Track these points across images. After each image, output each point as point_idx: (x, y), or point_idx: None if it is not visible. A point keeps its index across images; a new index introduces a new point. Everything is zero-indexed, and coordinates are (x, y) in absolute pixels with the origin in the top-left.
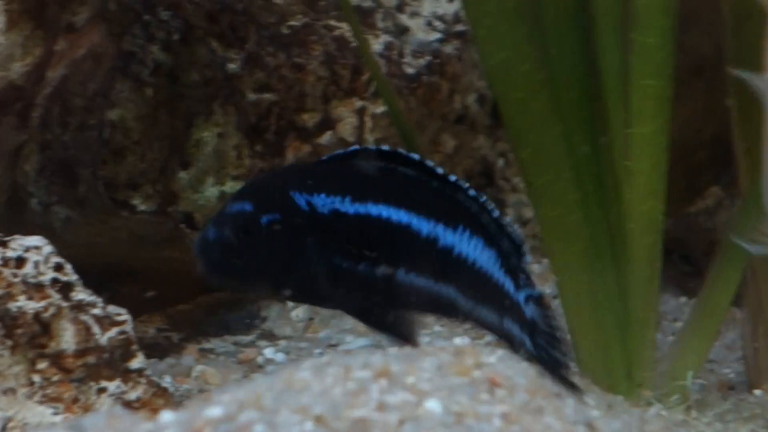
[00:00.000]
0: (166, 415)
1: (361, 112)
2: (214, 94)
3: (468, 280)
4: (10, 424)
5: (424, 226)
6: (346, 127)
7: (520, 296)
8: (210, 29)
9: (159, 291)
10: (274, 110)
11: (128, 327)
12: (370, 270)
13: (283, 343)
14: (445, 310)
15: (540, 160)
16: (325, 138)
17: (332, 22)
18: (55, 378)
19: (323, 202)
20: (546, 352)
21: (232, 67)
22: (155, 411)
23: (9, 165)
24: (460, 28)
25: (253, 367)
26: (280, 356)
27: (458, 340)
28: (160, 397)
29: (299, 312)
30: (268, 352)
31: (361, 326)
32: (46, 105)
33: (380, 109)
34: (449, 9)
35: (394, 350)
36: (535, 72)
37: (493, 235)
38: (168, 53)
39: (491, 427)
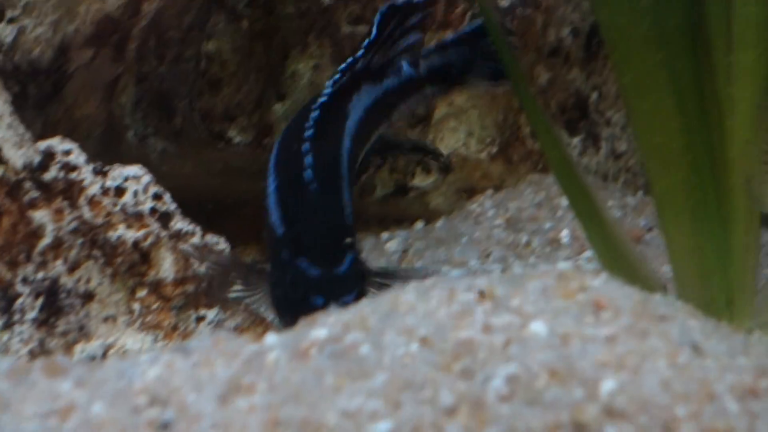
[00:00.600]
0: (271, 338)
1: None
2: (309, 26)
3: None
4: (111, 351)
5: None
6: None
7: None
8: None
9: (254, 222)
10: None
11: None
12: None
13: None
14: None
15: (642, 87)
16: None
17: None
18: (155, 306)
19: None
20: None
21: None
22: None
23: (105, 97)
24: None
25: None
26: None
27: (562, 264)
28: (259, 326)
29: (393, 244)
30: None
31: (456, 257)
32: (142, 37)
33: None
34: None
35: (498, 273)
36: None
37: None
38: None
39: (597, 349)
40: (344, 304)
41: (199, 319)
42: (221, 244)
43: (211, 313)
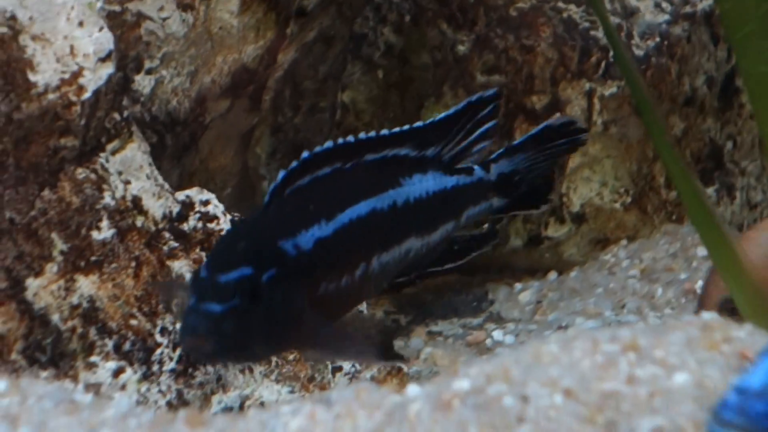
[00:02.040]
0: (413, 389)
1: (590, 94)
2: (443, 75)
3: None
4: (248, 402)
5: (384, 201)
6: (575, 109)
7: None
8: (440, 11)
9: None
10: (503, 92)
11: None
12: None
13: (511, 325)
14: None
15: None
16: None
17: (560, 4)
18: (291, 357)
19: (305, 239)
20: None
21: (461, 48)
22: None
23: (241, 148)
24: (688, 9)
25: (482, 350)
26: (509, 339)
27: (706, 315)
28: (395, 377)
29: (527, 295)
30: (497, 334)
31: (591, 308)
32: (278, 88)
33: (609, 91)
34: None
35: (641, 325)
36: None
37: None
38: (399, 35)
39: None
40: (209, 312)
41: (336, 370)
42: None
43: (347, 365)
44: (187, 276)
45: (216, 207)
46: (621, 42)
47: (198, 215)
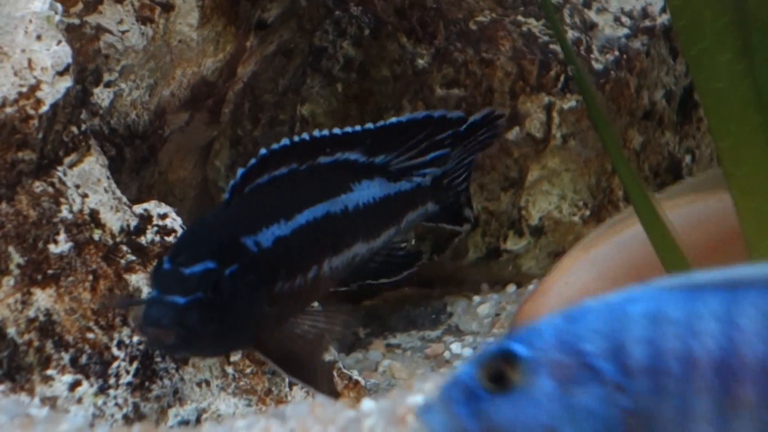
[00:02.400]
0: (368, 403)
1: (549, 108)
2: (403, 89)
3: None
4: (204, 416)
5: (337, 205)
6: (534, 122)
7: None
8: (399, 24)
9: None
10: (462, 106)
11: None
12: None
13: (469, 338)
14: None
15: (740, 151)
16: (513, 133)
17: (520, 18)
18: (248, 370)
19: (266, 237)
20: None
21: (420, 62)
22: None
23: (200, 160)
24: (647, 23)
25: (440, 362)
26: (467, 351)
27: None
28: (352, 390)
29: (485, 307)
30: (455, 347)
31: None
32: (237, 101)
33: (568, 104)
34: (637, 5)
35: None
36: (736, 62)
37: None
38: (358, 48)
39: None
40: (173, 304)
41: (293, 383)
42: None
43: None
44: (145, 291)
45: (174, 220)
46: (576, 56)
47: (156, 228)
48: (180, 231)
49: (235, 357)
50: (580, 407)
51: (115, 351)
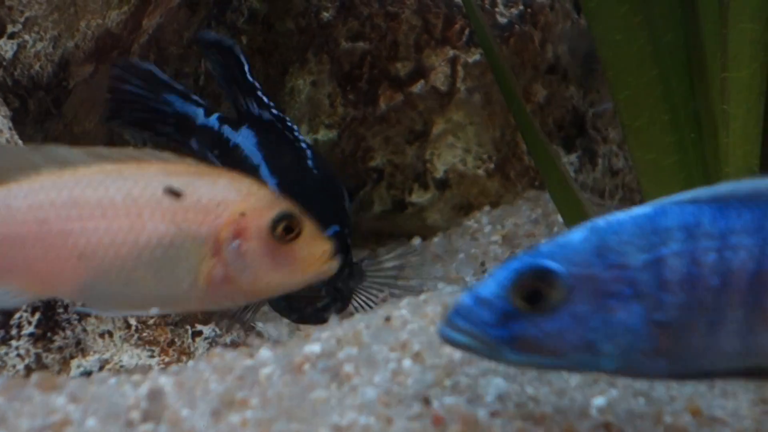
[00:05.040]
0: (265, 352)
1: (453, 61)
2: (308, 42)
3: None
4: (107, 366)
5: None
6: (439, 75)
7: None
8: None
9: None
10: (367, 59)
11: None
12: None
13: None
14: None
15: (637, 103)
16: (418, 87)
17: None
18: (151, 321)
19: None
20: None
21: (326, 15)
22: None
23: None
24: None
25: (345, 314)
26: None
27: None
28: (255, 340)
29: (391, 261)
30: None
31: (452, 273)
32: (142, 53)
33: (473, 58)
34: None
35: None
36: (633, 14)
37: None
38: (263, 2)
39: None
40: None
41: (196, 334)
42: None
43: (207, 329)
44: None
45: None
46: (477, 10)
47: None
48: None
49: None
50: (617, 322)
51: None
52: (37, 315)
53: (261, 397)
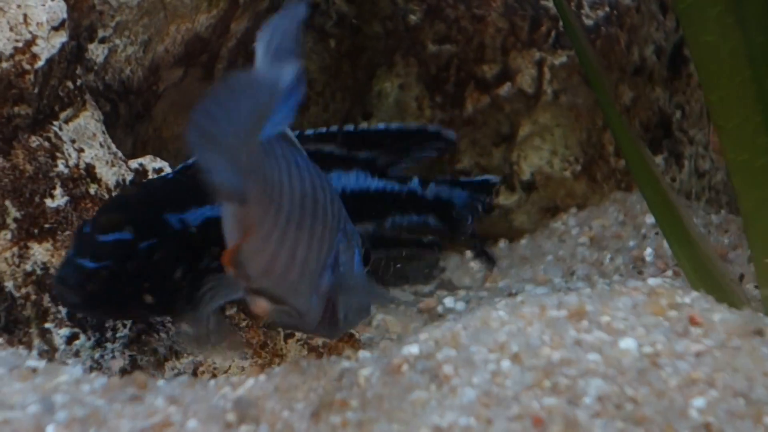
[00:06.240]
0: (364, 354)
1: (540, 64)
2: (395, 45)
3: None
4: (201, 369)
5: None
6: (525, 78)
7: None
8: None
9: None
10: (454, 62)
11: None
12: None
13: (462, 292)
14: None
15: (729, 104)
16: (504, 89)
17: None
18: (244, 324)
19: (194, 216)
20: None
21: (413, 18)
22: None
23: None
24: None
25: (434, 316)
26: (460, 305)
27: (652, 280)
28: (347, 343)
29: (478, 262)
30: (448, 301)
31: (540, 275)
32: (231, 57)
33: (559, 60)
34: None
35: (587, 290)
36: (726, 15)
37: None
38: (351, 5)
39: (687, 366)
40: (82, 267)
41: (288, 336)
42: None
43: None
44: None
45: None
46: (570, 12)
47: None
48: None
49: (230, 311)
50: None
51: None
52: None
53: (360, 398)
